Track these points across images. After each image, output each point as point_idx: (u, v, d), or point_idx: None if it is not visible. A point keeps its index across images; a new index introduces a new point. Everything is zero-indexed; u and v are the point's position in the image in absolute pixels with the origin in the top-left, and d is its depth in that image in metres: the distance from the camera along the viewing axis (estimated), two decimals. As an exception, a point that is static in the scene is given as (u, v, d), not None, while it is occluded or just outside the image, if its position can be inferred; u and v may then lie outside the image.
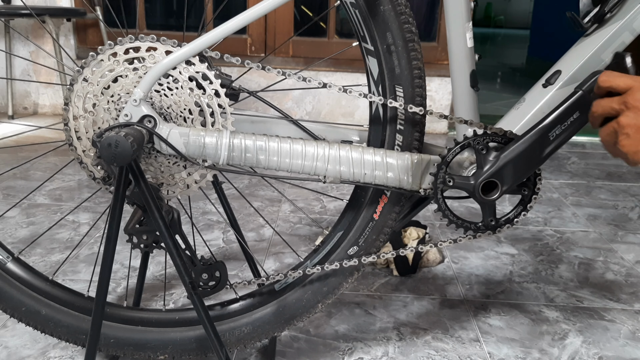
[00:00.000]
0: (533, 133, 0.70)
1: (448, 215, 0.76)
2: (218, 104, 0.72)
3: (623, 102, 0.59)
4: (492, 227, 0.77)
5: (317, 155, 0.73)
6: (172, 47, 0.70)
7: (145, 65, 0.71)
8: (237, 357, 0.96)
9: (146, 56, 0.70)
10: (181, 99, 0.72)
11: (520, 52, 6.78)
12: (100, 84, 0.71)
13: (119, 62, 0.71)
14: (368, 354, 0.99)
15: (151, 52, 0.70)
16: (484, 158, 0.73)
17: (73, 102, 0.72)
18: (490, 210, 0.76)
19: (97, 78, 0.71)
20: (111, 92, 0.71)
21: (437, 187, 0.74)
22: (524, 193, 0.75)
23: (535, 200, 0.75)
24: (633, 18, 0.69)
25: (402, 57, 0.74)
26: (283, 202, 1.72)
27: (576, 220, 1.66)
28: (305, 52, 2.82)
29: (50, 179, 1.80)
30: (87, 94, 0.71)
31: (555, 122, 0.69)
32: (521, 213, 0.76)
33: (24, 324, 0.83)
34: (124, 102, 0.71)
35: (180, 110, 0.72)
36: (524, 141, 0.71)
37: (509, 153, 0.71)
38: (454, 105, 0.77)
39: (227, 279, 0.76)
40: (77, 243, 1.37)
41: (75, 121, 0.73)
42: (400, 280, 1.25)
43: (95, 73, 0.71)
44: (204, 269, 0.74)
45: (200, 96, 0.71)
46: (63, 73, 2.38)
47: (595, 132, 0.65)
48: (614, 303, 1.19)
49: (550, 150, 0.70)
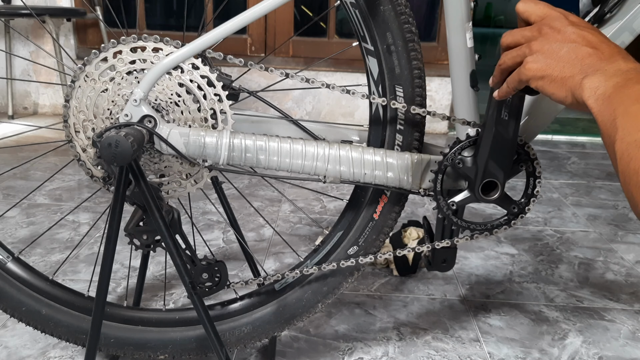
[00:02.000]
0: (488, 124, 0.70)
1: (476, 228, 0.77)
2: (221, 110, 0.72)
3: (537, 29, 0.57)
4: (520, 210, 0.77)
5: (317, 155, 0.73)
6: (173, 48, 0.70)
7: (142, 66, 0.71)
8: (237, 357, 0.96)
9: (151, 56, 0.71)
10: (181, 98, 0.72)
11: (520, 52, 6.76)
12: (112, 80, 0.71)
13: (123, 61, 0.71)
14: (368, 354, 0.99)
15: (156, 52, 0.71)
16: (466, 168, 0.74)
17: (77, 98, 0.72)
18: (507, 200, 0.76)
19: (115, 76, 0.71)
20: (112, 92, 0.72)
21: (447, 214, 0.75)
22: (523, 168, 0.76)
23: (539, 166, 0.75)
24: (633, 18, 0.69)
25: (402, 57, 0.74)
26: (283, 202, 1.72)
27: (576, 220, 1.66)
28: (305, 52, 2.82)
29: (50, 179, 1.80)
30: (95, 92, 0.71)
31: (499, 103, 0.68)
32: (535, 182, 0.76)
33: (24, 324, 0.83)
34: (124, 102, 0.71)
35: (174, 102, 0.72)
36: (486, 135, 0.71)
37: (482, 152, 0.72)
38: (454, 105, 0.77)
39: (228, 278, 0.76)
40: (77, 243, 1.37)
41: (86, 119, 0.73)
42: (400, 280, 1.25)
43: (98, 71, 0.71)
44: (204, 268, 0.74)
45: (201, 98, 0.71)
46: (63, 73, 2.38)
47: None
48: (614, 303, 1.19)
49: (512, 127, 0.70)
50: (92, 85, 0.71)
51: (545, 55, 0.55)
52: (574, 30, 0.55)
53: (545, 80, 0.55)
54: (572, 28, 0.55)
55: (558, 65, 0.54)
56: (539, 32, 0.56)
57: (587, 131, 2.83)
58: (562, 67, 0.54)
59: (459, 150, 0.74)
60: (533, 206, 0.76)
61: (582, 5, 0.74)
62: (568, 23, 0.55)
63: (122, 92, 0.71)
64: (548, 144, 2.60)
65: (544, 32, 0.56)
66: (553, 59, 0.54)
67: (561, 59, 0.54)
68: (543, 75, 0.55)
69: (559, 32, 0.55)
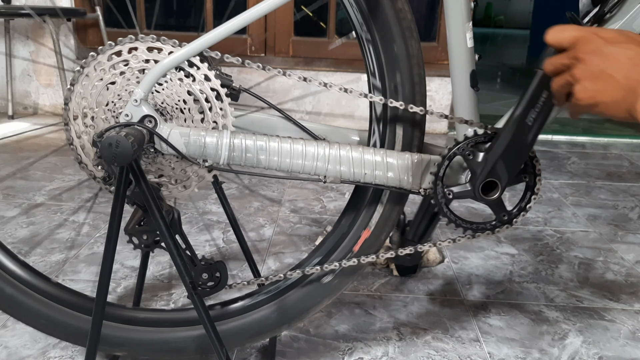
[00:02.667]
0: (511, 124, 0.70)
1: (461, 224, 0.77)
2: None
3: (573, 56, 0.55)
4: (507, 220, 0.77)
5: (317, 155, 0.73)
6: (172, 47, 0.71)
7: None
8: (237, 357, 0.96)
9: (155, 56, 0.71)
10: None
11: (520, 52, 6.78)
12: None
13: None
14: (368, 354, 0.99)
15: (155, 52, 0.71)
16: (474, 162, 0.73)
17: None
18: (500, 205, 0.76)
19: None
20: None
21: (440, 203, 0.75)
22: (527, 179, 0.76)
23: (540, 183, 0.75)
24: (633, 18, 0.69)
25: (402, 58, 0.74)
26: (283, 202, 1.72)
27: (576, 220, 1.66)
28: (305, 52, 2.83)
29: (50, 179, 1.80)
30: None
31: (528, 107, 0.68)
32: (531, 197, 0.76)
33: (25, 324, 0.83)
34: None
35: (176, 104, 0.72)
36: (504, 135, 0.71)
37: (495, 151, 0.72)
38: (454, 105, 0.78)
39: (227, 278, 0.76)
40: (77, 243, 1.37)
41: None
42: (400, 280, 1.25)
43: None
44: (204, 268, 0.74)
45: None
46: (63, 71, 2.37)
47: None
48: (614, 303, 1.19)
49: (533, 135, 0.70)
50: (101, 75, 0.71)
51: (590, 81, 0.54)
52: (611, 49, 0.54)
53: (600, 107, 0.54)
54: (608, 47, 0.54)
55: (607, 89, 0.53)
56: (577, 58, 0.55)
57: (587, 131, 2.83)
58: (612, 92, 0.53)
59: (473, 142, 0.74)
60: (521, 219, 0.77)
61: (582, 5, 0.74)
62: (603, 42, 0.54)
63: (129, 89, 0.71)
64: (548, 144, 2.60)
65: (581, 57, 0.55)
66: (599, 84, 0.53)
67: (607, 82, 0.53)
68: (595, 103, 0.54)
69: (597, 54, 0.54)
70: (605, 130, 2.85)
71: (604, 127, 2.93)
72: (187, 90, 0.71)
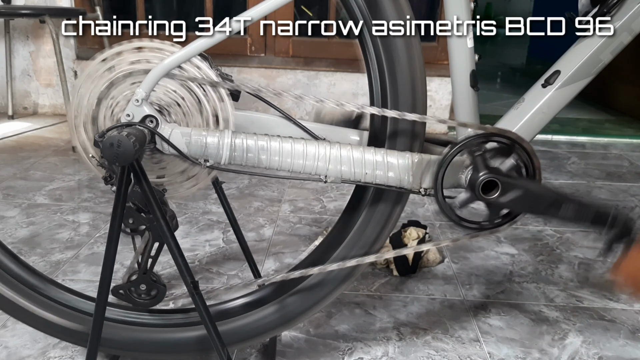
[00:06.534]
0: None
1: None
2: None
3: None
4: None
5: (318, 155, 0.73)
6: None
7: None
8: (237, 357, 0.97)
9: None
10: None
11: (520, 52, 6.78)
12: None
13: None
14: (368, 354, 0.99)
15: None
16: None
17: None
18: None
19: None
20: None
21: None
22: None
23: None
24: (632, 18, 0.69)
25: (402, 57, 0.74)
26: (283, 202, 1.72)
27: (576, 220, 1.66)
28: (306, 52, 2.82)
29: (50, 180, 1.80)
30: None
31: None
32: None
33: (25, 324, 0.83)
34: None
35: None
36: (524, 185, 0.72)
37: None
38: (454, 105, 0.78)
39: (158, 303, 0.77)
40: (77, 243, 1.37)
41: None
42: (400, 280, 1.26)
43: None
44: (148, 281, 0.75)
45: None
46: (63, 71, 2.37)
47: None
48: (614, 303, 1.19)
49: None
50: (118, 66, 0.71)
51: None
52: None
53: None
54: None
55: None
56: None
57: (587, 131, 2.83)
58: None
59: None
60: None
61: (581, 5, 0.74)
62: None
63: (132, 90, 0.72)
64: (548, 144, 2.61)
65: None
66: None
67: None
68: None
69: None
70: (605, 130, 2.85)
71: (604, 127, 2.93)
72: (188, 90, 0.72)
